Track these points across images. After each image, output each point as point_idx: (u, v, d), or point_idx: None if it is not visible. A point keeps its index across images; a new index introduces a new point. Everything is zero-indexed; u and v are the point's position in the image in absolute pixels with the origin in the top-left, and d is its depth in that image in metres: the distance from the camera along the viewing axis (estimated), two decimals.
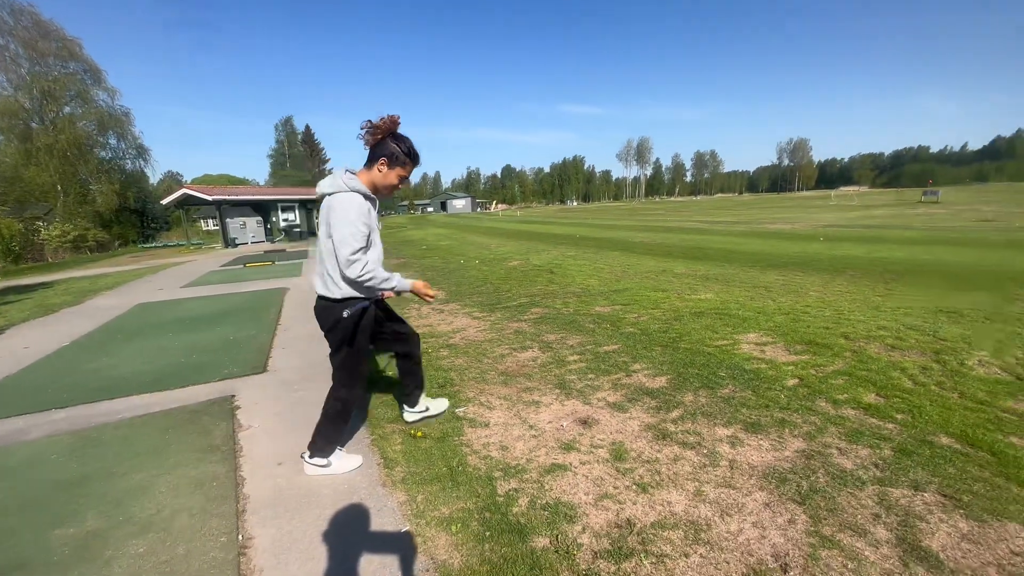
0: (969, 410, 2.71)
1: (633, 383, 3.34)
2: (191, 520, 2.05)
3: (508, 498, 2.11)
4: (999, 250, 9.54)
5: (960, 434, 2.45)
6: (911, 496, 1.99)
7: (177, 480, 2.37)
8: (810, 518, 1.88)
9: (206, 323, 5.92)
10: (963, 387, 3.02)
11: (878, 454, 2.31)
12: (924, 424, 2.57)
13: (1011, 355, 3.54)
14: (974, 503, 1.92)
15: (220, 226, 24.15)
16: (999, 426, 2.52)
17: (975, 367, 3.36)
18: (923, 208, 31.98)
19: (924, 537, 1.75)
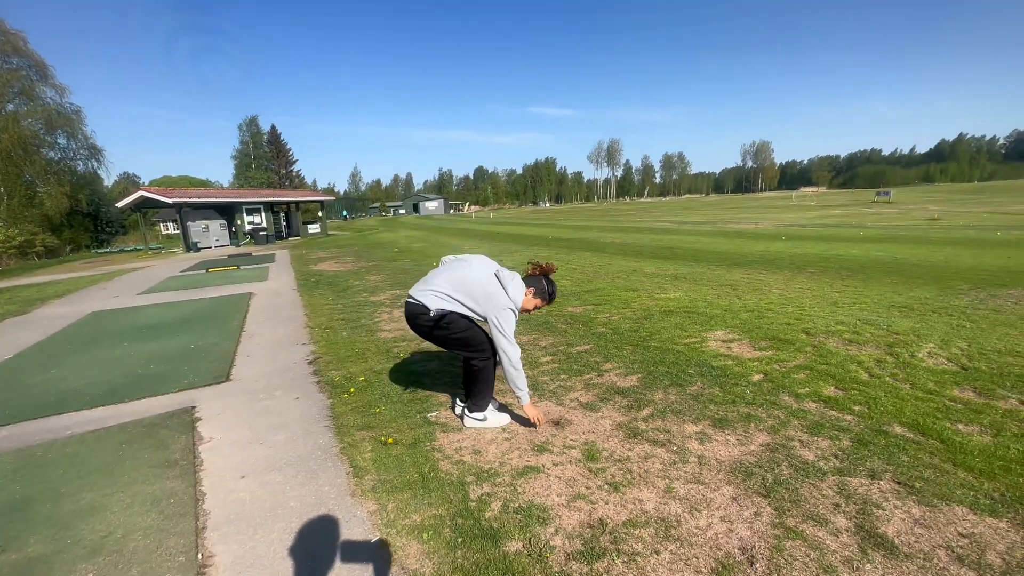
0: (920, 400, 2.85)
1: (605, 383, 3.37)
2: (146, 540, 1.94)
3: (481, 503, 2.09)
4: (945, 247, 10.11)
5: (912, 423, 2.57)
6: (868, 485, 2.07)
7: (131, 499, 2.24)
8: (775, 510, 1.94)
9: (165, 331, 5.66)
10: (914, 378, 3.18)
11: (837, 445, 2.40)
12: (879, 415, 2.69)
13: (956, 346, 3.75)
14: (925, 489, 2.01)
15: (181, 230, 23.20)
16: (947, 414, 2.66)
17: (925, 359, 3.54)
18: (876, 208, 33.61)
19: (880, 524, 1.82)
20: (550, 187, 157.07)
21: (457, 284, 2.64)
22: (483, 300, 2.59)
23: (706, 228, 19.84)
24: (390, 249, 15.78)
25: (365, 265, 11.48)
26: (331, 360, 4.22)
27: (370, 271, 10.29)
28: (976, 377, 3.15)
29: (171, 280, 10.85)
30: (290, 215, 30.92)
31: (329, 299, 7.22)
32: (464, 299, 2.61)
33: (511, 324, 2.57)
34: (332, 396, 3.39)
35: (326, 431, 2.86)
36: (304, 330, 5.42)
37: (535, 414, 2.70)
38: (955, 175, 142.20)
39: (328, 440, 2.75)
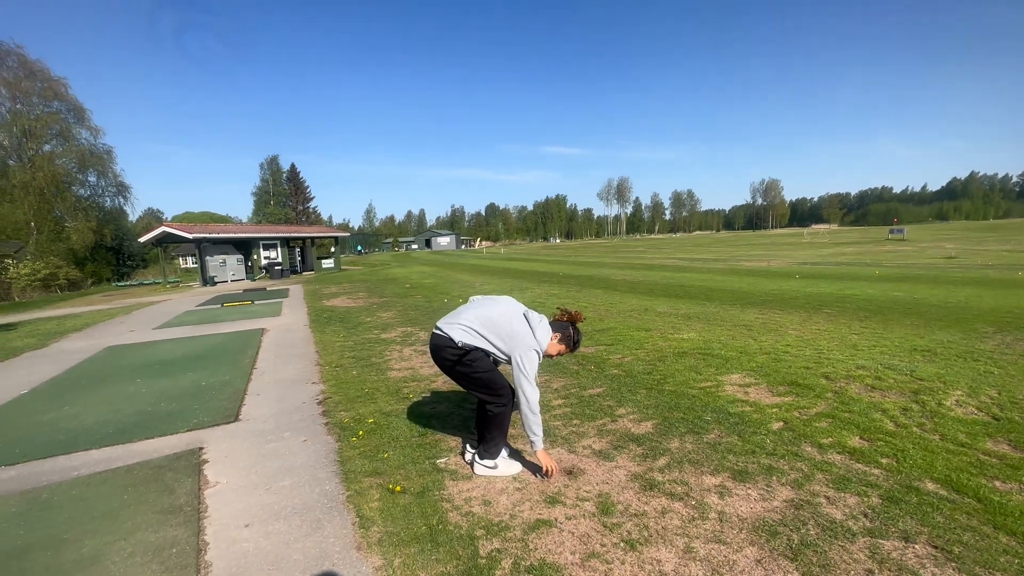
0: (951, 453, 2.72)
1: (619, 429, 3.28)
2: None
3: (491, 559, 1.99)
4: (965, 287, 9.91)
5: (945, 479, 2.44)
6: (903, 548, 1.94)
7: (133, 547, 2.19)
8: (802, 575, 1.82)
9: (178, 367, 5.69)
10: (943, 429, 3.04)
11: (866, 502, 2.28)
12: (909, 469, 2.56)
13: (985, 394, 3.60)
14: (965, 555, 1.88)
15: (199, 264, 23.76)
16: (982, 469, 2.52)
17: (953, 407, 3.40)
18: (890, 245, 33.28)
19: None
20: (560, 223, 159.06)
21: (485, 320, 2.66)
22: (508, 338, 2.60)
23: (718, 265, 19.76)
24: (402, 285, 15.92)
25: (377, 301, 11.57)
26: (340, 400, 4.18)
27: (381, 307, 10.35)
28: (1010, 428, 3.00)
29: (186, 315, 11.01)
30: (305, 250, 31.56)
31: (340, 336, 7.24)
32: (490, 336, 2.62)
33: (534, 366, 2.57)
34: (340, 439, 3.33)
35: (333, 476, 2.80)
36: (314, 368, 5.41)
37: (548, 463, 2.62)
38: (969, 212, 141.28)
39: (335, 487, 2.68)
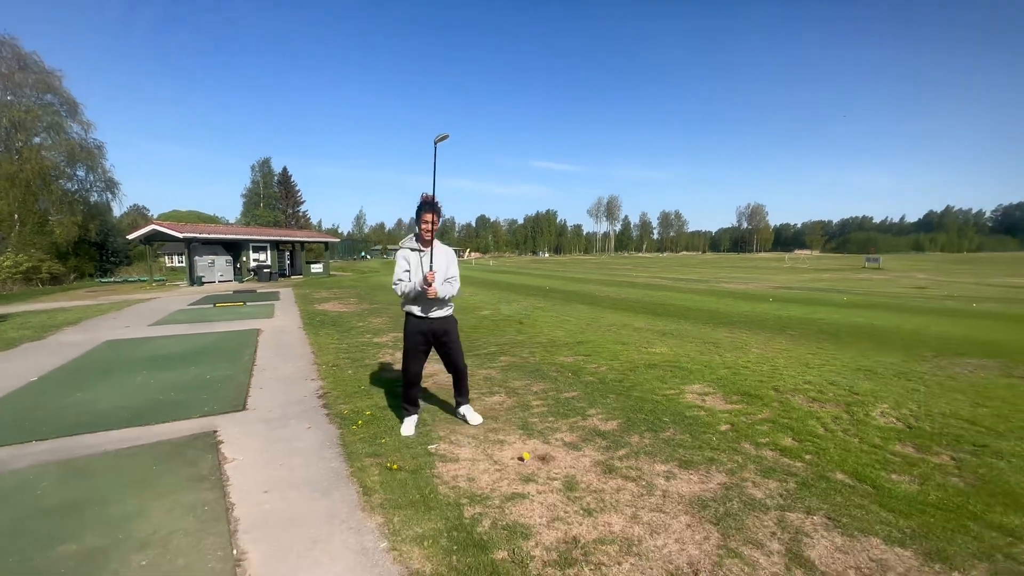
0: (863, 452, 3.23)
1: (588, 426, 3.75)
2: (187, 539, 2.28)
3: (473, 520, 2.43)
4: (920, 316, 10.66)
5: (852, 471, 2.95)
6: (803, 518, 2.44)
7: (170, 505, 2.58)
8: (721, 535, 2.30)
9: (180, 362, 6.02)
10: (863, 434, 3.57)
11: (784, 486, 2.77)
12: (825, 463, 3.07)
13: (907, 408, 4.16)
14: (850, 523, 2.38)
15: (187, 263, 23.80)
16: (884, 465, 3.04)
17: (877, 417, 3.94)
18: (866, 273, 34.56)
19: (807, 549, 2.18)
20: (550, 238, 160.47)
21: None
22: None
23: (699, 286, 20.50)
24: (392, 292, 16.26)
25: (368, 307, 11.93)
26: (339, 395, 4.58)
27: (372, 313, 10.72)
28: (918, 435, 3.54)
29: (179, 313, 11.24)
30: (294, 254, 31.70)
31: (334, 339, 7.62)
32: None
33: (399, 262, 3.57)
34: (341, 427, 3.74)
35: (337, 457, 3.21)
36: (312, 367, 5.80)
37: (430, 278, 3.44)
38: (944, 245, 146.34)
39: (339, 465, 3.10)
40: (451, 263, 3.69)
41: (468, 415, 3.84)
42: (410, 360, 3.67)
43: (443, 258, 3.63)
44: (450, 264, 3.67)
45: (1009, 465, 3.02)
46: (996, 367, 5.68)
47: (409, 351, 3.65)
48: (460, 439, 3.51)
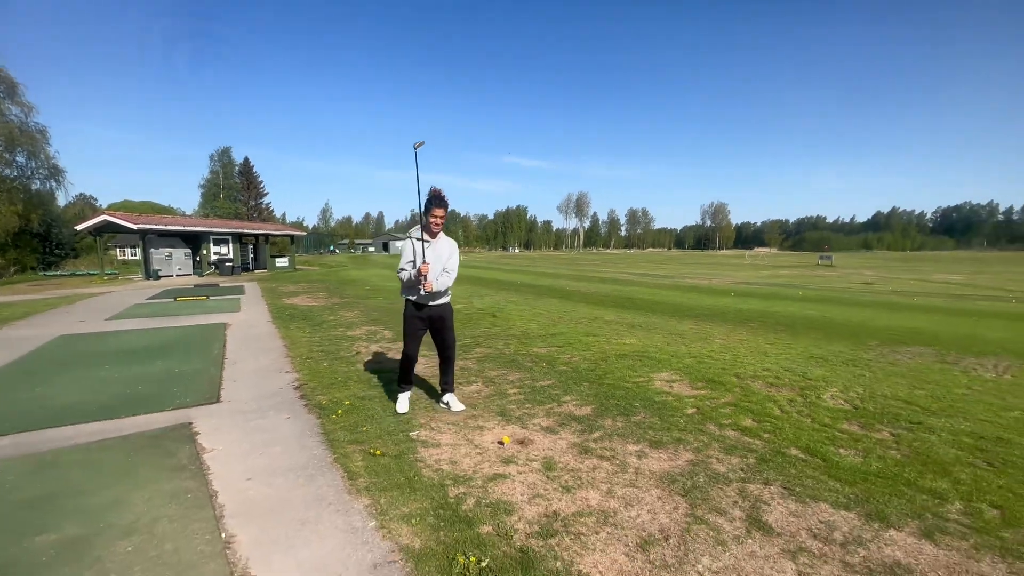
0: (815, 430, 3.52)
1: (563, 411, 3.91)
2: (172, 525, 2.28)
3: (458, 499, 2.54)
4: (868, 309, 11.40)
5: (805, 447, 3.22)
6: (761, 488, 2.66)
7: (150, 494, 2.56)
8: (689, 505, 2.49)
9: (145, 356, 5.83)
10: (815, 414, 3.87)
11: (745, 462, 3.00)
12: (781, 441, 3.33)
13: (854, 391, 4.51)
14: (802, 492, 2.62)
15: (142, 256, 22.70)
16: (833, 441, 3.33)
17: (827, 400, 4.26)
18: (820, 270, 36.36)
19: (764, 514, 2.40)
20: (520, 234, 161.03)
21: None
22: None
23: (665, 282, 21.13)
24: (362, 287, 16.07)
25: (338, 301, 11.76)
26: (316, 386, 4.58)
27: (343, 307, 10.59)
28: (863, 415, 3.87)
29: (137, 307, 10.78)
30: (258, 247, 30.70)
31: (306, 332, 7.52)
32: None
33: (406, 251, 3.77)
34: (321, 416, 3.76)
35: (319, 445, 3.25)
36: (285, 359, 5.73)
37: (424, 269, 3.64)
38: (890, 244, 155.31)
39: (322, 452, 3.14)
40: (452, 255, 3.87)
41: (452, 403, 3.95)
42: (408, 340, 3.91)
43: (446, 250, 3.83)
44: (451, 256, 3.86)
45: (939, 439, 3.36)
46: (932, 354, 6.19)
47: (408, 333, 3.90)
48: (441, 426, 3.60)
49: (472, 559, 2.03)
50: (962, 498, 2.57)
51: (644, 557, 2.08)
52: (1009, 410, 4.01)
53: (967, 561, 2.06)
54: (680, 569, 2.00)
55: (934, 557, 2.08)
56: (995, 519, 2.38)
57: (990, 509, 2.47)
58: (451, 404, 3.95)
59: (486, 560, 2.03)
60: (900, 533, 2.26)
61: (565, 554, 2.10)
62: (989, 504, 2.51)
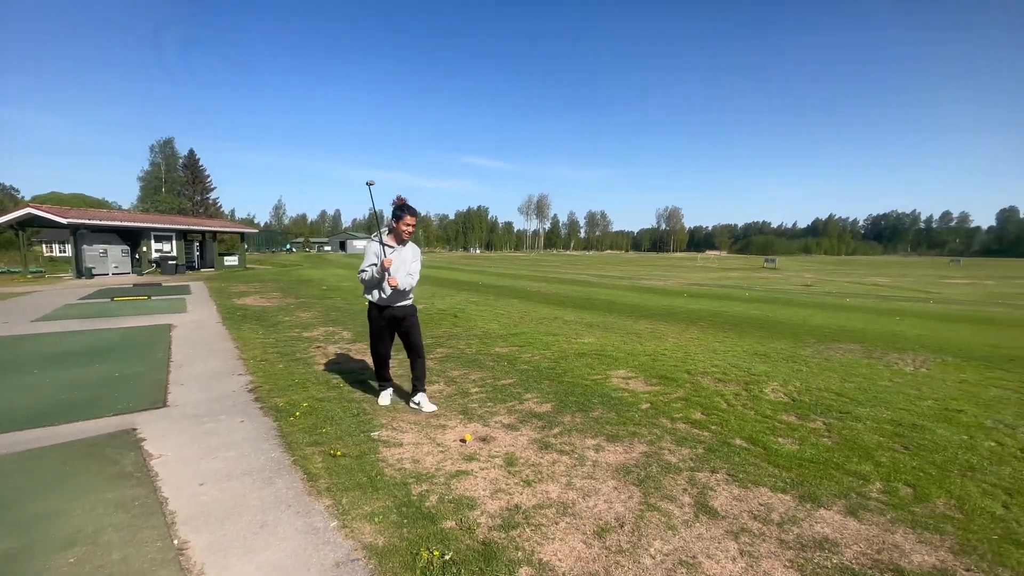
0: (757, 422, 3.78)
1: (524, 409, 3.99)
2: (119, 534, 2.19)
3: (421, 496, 2.57)
4: (807, 309, 12.21)
5: (748, 437, 3.45)
6: (709, 476, 2.84)
7: (92, 504, 2.44)
8: (642, 494, 2.63)
9: (80, 360, 5.45)
10: (758, 407, 4.14)
11: (694, 452, 3.19)
12: (727, 432, 3.55)
13: (792, 385, 4.86)
14: (745, 477, 2.82)
15: (74, 253, 21.04)
16: (773, 431, 3.58)
17: (769, 394, 4.56)
18: (765, 272, 38.43)
19: (711, 500, 2.57)
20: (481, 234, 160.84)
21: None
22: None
23: (623, 283, 21.74)
24: (318, 287, 15.61)
25: (293, 302, 11.39)
26: (271, 389, 4.45)
27: (299, 308, 10.27)
28: (799, 407, 4.18)
29: (69, 308, 10.02)
30: (205, 245, 29.17)
31: (259, 334, 7.25)
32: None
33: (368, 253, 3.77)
34: (278, 419, 3.67)
35: (276, 447, 3.17)
36: (237, 362, 5.52)
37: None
38: (828, 248, 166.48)
39: (280, 455, 3.07)
40: (416, 260, 3.95)
41: (422, 403, 3.94)
42: (376, 343, 3.99)
43: (410, 255, 3.90)
44: (415, 261, 3.94)
45: (864, 426, 3.69)
46: (860, 350, 6.74)
47: (374, 334, 3.97)
48: (402, 425, 3.60)
49: (436, 553, 2.07)
50: (882, 478, 2.85)
51: (601, 544, 2.19)
52: (923, 399, 4.44)
53: (884, 534, 2.29)
54: (634, 553, 2.13)
55: (856, 531, 2.31)
56: (908, 496, 2.66)
57: (905, 487, 2.75)
58: (421, 404, 3.94)
59: (449, 554, 2.08)
60: (829, 512, 2.48)
61: (526, 544, 2.17)
62: (904, 483, 2.80)
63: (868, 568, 2.04)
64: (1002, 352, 6.87)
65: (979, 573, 2.02)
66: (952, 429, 3.68)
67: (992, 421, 3.89)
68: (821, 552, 2.15)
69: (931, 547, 2.19)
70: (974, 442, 3.43)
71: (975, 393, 4.71)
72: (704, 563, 2.07)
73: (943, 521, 2.41)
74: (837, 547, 2.18)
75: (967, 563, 2.08)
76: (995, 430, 3.69)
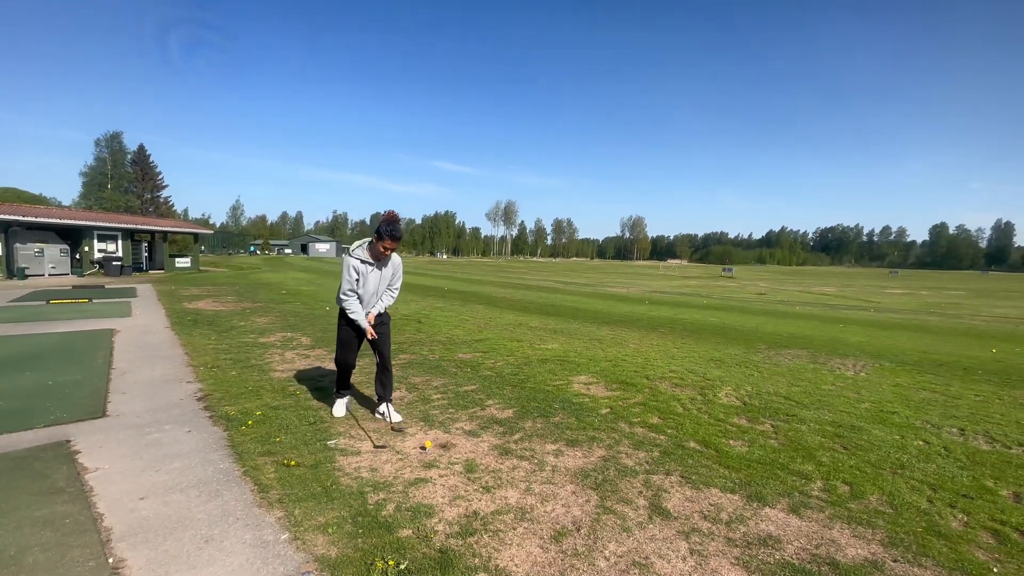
0: (711, 425, 3.92)
1: (486, 415, 4.00)
2: (46, 553, 2.04)
3: (377, 505, 2.52)
4: (760, 316, 12.77)
5: (701, 440, 3.57)
6: (664, 478, 2.93)
7: (17, 522, 2.26)
8: (599, 497, 2.68)
9: (9, 367, 5.05)
10: (711, 411, 4.30)
11: (650, 455, 3.27)
12: (682, 435, 3.67)
13: (744, 389, 5.07)
14: (698, 480, 2.92)
15: (4, 252, 19.50)
16: (725, 434, 3.73)
17: (722, 398, 4.75)
18: (723, 281, 39.92)
19: (664, 501, 2.65)
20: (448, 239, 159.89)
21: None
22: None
23: (587, 290, 22.09)
24: (277, 291, 15.09)
25: (250, 306, 10.96)
26: (222, 397, 4.26)
27: (256, 312, 9.89)
28: (750, 410, 4.36)
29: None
30: (154, 246, 27.71)
31: (212, 339, 6.94)
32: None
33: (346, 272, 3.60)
34: (229, 428, 3.52)
35: (226, 458, 3.04)
36: (187, 369, 5.26)
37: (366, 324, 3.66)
38: (780, 259, 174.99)
39: (229, 465, 2.95)
40: (396, 274, 3.85)
41: (388, 413, 3.75)
42: (344, 350, 3.84)
43: (391, 271, 3.79)
44: (395, 275, 3.84)
45: (808, 428, 3.90)
46: (807, 355, 7.11)
47: (343, 341, 3.83)
48: (361, 434, 3.52)
49: (391, 563, 2.04)
50: (822, 477, 3.01)
51: (557, 548, 2.22)
52: (862, 402, 4.73)
53: (823, 530, 2.43)
54: (589, 556, 2.16)
55: (798, 528, 2.43)
56: (845, 493, 2.82)
57: (843, 485, 2.92)
58: (389, 415, 3.76)
59: (405, 563, 2.05)
60: (773, 510, 2.60)
61: (483, 551, 2.17)
62: (842, 481, 2.97)
63: (807, 563, 2.15)
64: (932, 358, 7.40)
65: (905, 563, 2.17)
66: (886, 429, 3.93)
67: (921, 422, 4.19)
68: (765, 549, 2.25)
69: (864, 540, 2.34)
70: (905, 441, 3.68)
71: (907, 396, 5.05)
72: (656, 563, 2.12)
73: (875, 516, 2.57)
74: (780, 544, 2.29)
75: (895, 554, 2.23)
76: (923, 430, 3.98)
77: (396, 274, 3.82)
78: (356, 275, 3.60)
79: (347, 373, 3.92)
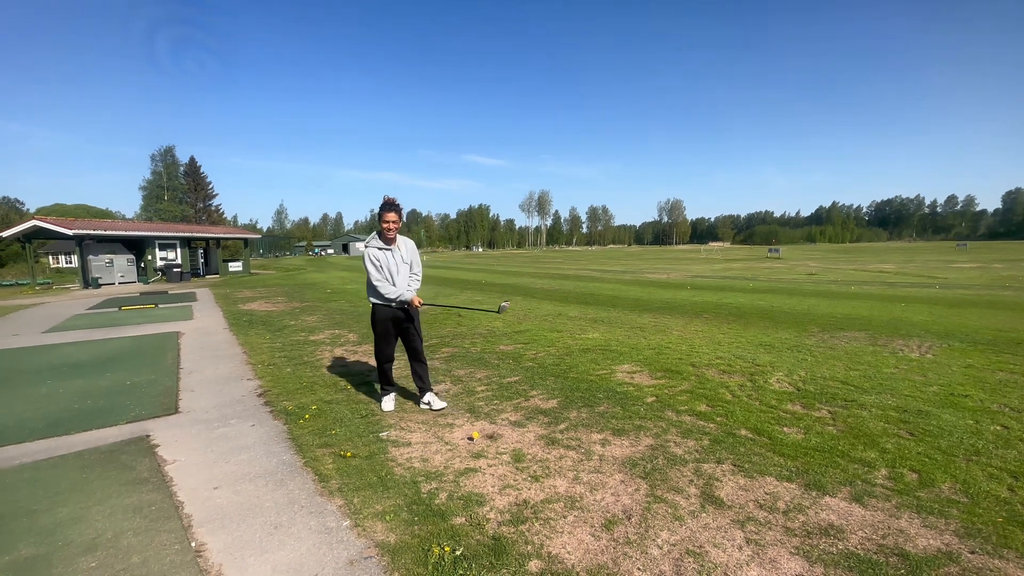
0: (762, 412, 3.80)
1: (530, 406, 4.03)
2: (138, 537, 2.24)
3: (430, 494, 2.61)
4: (811, 298, 12.17)
5: (753, 428, 3.47)
6: (715, 467, 2.87)
7: (110, 509, 2.49)
8: (649, 486, 2.66)
9: (91, 369, 5.53)
10: (762, 397, 4.16)
11: (700, 444, 3.21)
12: (732, 423, 3.57)
13: (797, 375, 4.87)
14: (751, 468, 2.85)
15: (80, 264, 21.24)
16: (778, 421, 3.60)
17: (774, 384, 4.58)
18: (768, 263, 38.22)
19: (717, 490, 2.60)
20: (483, 233, 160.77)
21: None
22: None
23: (625, 277, 21.71)
24: (323, 290, 15.69)
25: (299, 306, 11.46)
26: (280, 392, 4.50)
27: (304, 312, 10.34)
28: (804, 396, 4.19)
29: (78, 318, 10.13)
30: (209, 252, 29.34)
31: (267, 338, 7.32)
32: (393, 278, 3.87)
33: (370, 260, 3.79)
34: (288, 422, 3.73)
35: (287, 450, 3.23)
36: (246, 367, 5.58)
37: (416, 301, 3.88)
38: (832, 236, 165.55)
39: (291, 457, 3.12)
40: (415, 257, 3.99)
41: (433, 401, 3.99)
42: (383, 344, 3.99)
43: (408, 254, 3.93)
44: (414, 259, 3.99)
45: (869, 414, 3.71)
46: (865, 338, 6.73)
47: (380, 335, 3.97)
48: (410, 425, 3.64)
49: (447, 549, 2.11)
50: (887, 465, 2.87)
51: (609, 536, 2.23)
52: (929, 385, 4.45)
53: (889, 519, 2.32)
54: (641, 544, 2.16)
55: (862, 517, 2.33)
56: (913, 481, 2.68)
57: (910, 473, 2.77)
58: (432, 403, 3.98)
59: (460, 549, 2.12)
60: (834, 499, 2.51)
61: (535, 538, 2.21)
62: (909, 469, 2.81)
63: (873, 553, 2.06)
64: (1008, 336, 6.84)
65: (983, 555, 2.04)
66: (957, 414, 3.68)
67: (998, 405, 3.90)
68: (827, 539, 2.17)
69: (936, 531, 2.22)
70: (980, 426, 3.44)
71: (981, 378, 4.70)
72: (711, 552, 2.10)
73: (948, 505, 2.43)
74: (843, 533, 2.21)
75: (971, 545, 2.10)
76: (1001, 414, 3.70)
77: (414, 260, 3.98)
78: (377, 262, 3.79)
79: (388, 368, 4.07)
